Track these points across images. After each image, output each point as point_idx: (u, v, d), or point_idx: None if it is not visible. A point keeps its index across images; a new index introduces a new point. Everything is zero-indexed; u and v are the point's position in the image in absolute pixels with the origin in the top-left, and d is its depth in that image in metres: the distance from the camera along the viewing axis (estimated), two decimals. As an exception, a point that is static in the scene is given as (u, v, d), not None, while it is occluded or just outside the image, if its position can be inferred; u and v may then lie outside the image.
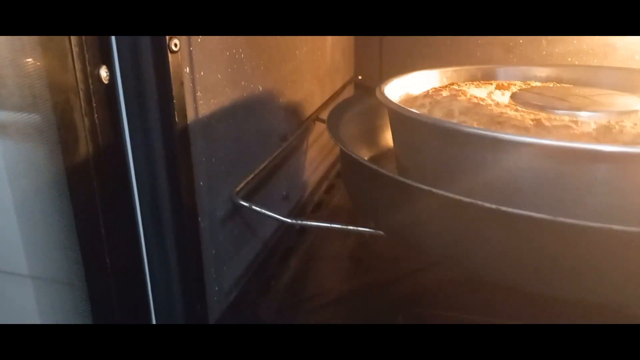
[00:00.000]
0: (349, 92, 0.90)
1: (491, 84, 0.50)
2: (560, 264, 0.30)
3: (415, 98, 0.46)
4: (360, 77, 0.91)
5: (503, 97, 0.45)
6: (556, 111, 0.39)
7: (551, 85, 0.51)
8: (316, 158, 0.76)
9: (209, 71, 0.42)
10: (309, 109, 0.70)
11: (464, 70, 0.55)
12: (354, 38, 0.90)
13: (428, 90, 0.47)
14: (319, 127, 0.75)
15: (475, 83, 0.50)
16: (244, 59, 0.48)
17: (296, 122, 0.65)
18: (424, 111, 0.41)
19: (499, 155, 0.33)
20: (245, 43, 0.48)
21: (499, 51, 0.82)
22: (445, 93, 0.43)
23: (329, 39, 0.76)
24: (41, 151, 0.31)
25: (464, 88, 0.46)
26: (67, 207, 0.33)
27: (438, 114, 0.40)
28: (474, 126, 0.35)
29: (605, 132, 0.34)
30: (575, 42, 0.78)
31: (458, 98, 0.41)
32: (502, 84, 0.49)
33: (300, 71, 0.64)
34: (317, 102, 0.73)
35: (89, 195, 0.35)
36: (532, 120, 0.35)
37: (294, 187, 0.67)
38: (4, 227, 0.34)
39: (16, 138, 0.31)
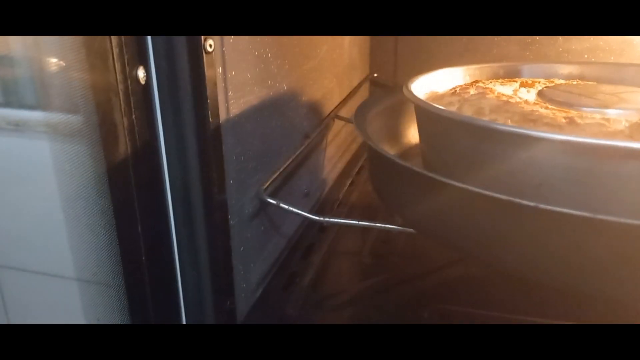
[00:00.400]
0: (365, 90, 0.90)
1: (515, 81, 0.50)
2: (595, 260, 0.31)
3: (442, 96, 0.46)
4: (375, 75, 0.92)
5: (529, 95, 0.46)
6: (585, 109, 0.40)
7: (575, 82, 0.51)
8: (335, 155, 0.77)
9: (239, 71, 0.43)
10: (329, 106, 0.70)
11: (487, 67, 0.56)
12: (370, 36, 0.91)
13: (455, 88, 0.47)
14: (337, 124, 0.75)
15: (500, 81, 0.50)
16: (271, 58, 0.49)
17: (317, 119, 0.66)
18: (452, 109, 0.42)
19: (533, 153, 0.34)
20: (272, 43, 0.49)
21: (515, 48, 0.82)
22: (472, 91, 0.44)
23: (347, 37, 0.77)
24: (84, 151, 0.32)
25: (490, 86, 0.46)
26: (107, 206, 0.34)
27: (468, 112, 0.40)
28: (507, 124, 0.36)
29: (638, 129, 0.34)
30: (591, 39, 0.78)
31: (487, 96, 0.41)
32: (527, 82, 0.49)
33: (320, 69, 0.65)
34: (336, 99, 0.74)
35: (127, 193, 0.36)
36: (565, 118, 0.36)
37: (315, 184, 0.67)
38: (53, 228, 0.34)
39: (63, 138, 0.32)
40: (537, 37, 0.80)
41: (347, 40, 0.77)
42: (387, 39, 0.90)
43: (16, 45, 0.32)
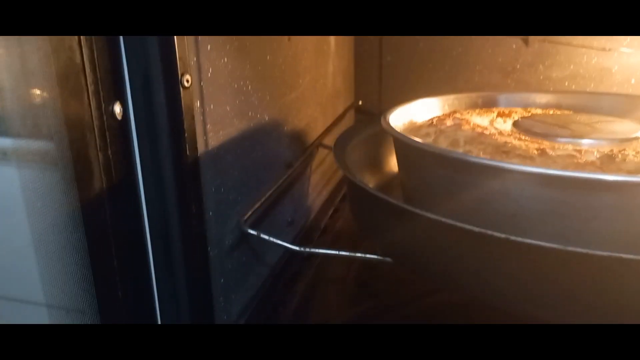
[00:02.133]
0: (350, 117, 0.91)
1: (493, 111, 0.51)
2: (568, 291, 0.31)
3: (420, 126, 0.47)
4: (360, 103, 0.93)
5: (505, 125, 0.46)
6: (559, 139, 0.40)
7: (552, 112, 0.52)
8: (319, 183, 0.77)
9: (218, 104, 0.43)
10: (313, 135, 0.71)
11: (465, 97, 0.57)
12: (354, 63, 0.92)
13: (432, 119, 0.48)
14: (322, 152, 0.76)
15: (477, 111, 0.51)
16: (251, 90, 0.50)
17: (300, 148, 0.66)
18: (429, 140, 0.42)
19: (506, 184, 0.34)
20: (252, 75, 0.50)
21: (496, 76, 0.84)
22: (449, 122, 0.44)
23: (330, 65, 0.78)
24: (58, 186, 0.32)
25: (467, 116, 0.47)
26: (82, 239, 0.34)
27: (443, 143, 0.41)
28: (480, 156, 0.36)
29: (608, 161, 0.35)
30: (572, 66, 0.80)
31: (462, 127, 0.42)
32: (504, 112, 0.50)
33: (303, 99, 0.66)
34: (320, 128, 0.74)
35: (102, 227, 0.35)
36: (537, 149, 0.36)
37: (299, 213, 0.67)
38: (23, 260, 0.34)
39: (35, 173, 0.32)
40: (518, 65, 0.82)
41: (330, 68, 0.78)
42: (372, 66, 0.92)
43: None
